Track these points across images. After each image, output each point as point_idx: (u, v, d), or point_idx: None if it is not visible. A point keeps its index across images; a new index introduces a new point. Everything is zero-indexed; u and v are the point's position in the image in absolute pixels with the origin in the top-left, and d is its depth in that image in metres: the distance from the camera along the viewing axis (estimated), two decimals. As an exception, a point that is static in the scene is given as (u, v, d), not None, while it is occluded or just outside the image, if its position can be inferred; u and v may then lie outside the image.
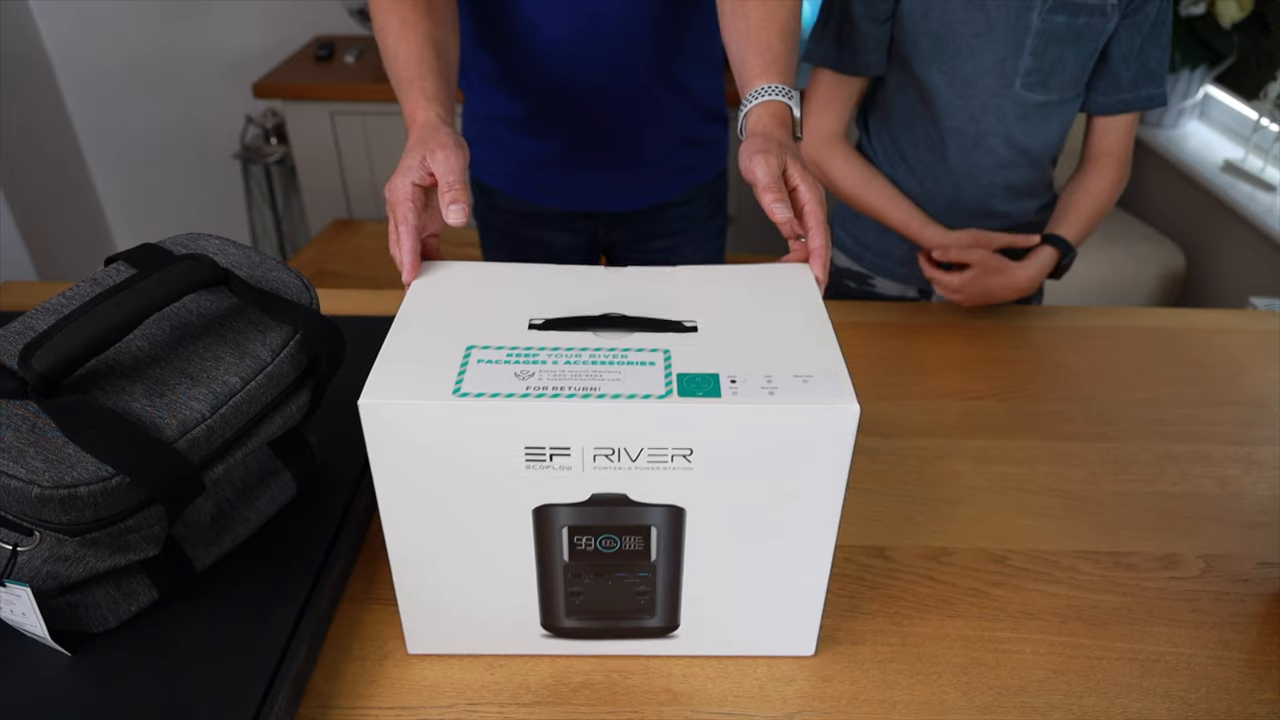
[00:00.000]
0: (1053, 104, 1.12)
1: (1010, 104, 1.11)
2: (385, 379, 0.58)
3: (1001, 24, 1.07)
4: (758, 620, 0.67)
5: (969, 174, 1.16)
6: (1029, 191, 1.20)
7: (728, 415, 0.56)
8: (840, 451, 0.58)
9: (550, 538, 0.62)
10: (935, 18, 1.08)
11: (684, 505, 0.60)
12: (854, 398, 0.56)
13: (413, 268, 0.69)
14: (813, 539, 0.62)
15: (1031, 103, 1.11)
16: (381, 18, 0.86)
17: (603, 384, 0.57)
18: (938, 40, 1.09)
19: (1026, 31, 1.07)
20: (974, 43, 1.08)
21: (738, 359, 0.60)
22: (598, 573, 0.64)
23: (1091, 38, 1.08)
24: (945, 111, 1.13)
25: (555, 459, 0.58)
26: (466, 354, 0.60)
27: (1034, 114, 1.12)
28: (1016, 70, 1.09)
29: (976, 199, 1.18)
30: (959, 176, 1.17)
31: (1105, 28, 1.07)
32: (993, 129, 1.13)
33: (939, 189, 1.18)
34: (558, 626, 0.67)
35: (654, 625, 0.67)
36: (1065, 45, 1.08)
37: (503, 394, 0.56)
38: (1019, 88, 1.10)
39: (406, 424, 0.57)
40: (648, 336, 0.62)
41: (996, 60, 1.09)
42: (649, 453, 0.58)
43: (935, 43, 1.10)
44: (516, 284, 0.68)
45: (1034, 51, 1.08)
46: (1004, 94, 1.11)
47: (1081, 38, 1.07)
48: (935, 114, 1.14)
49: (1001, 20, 1.07)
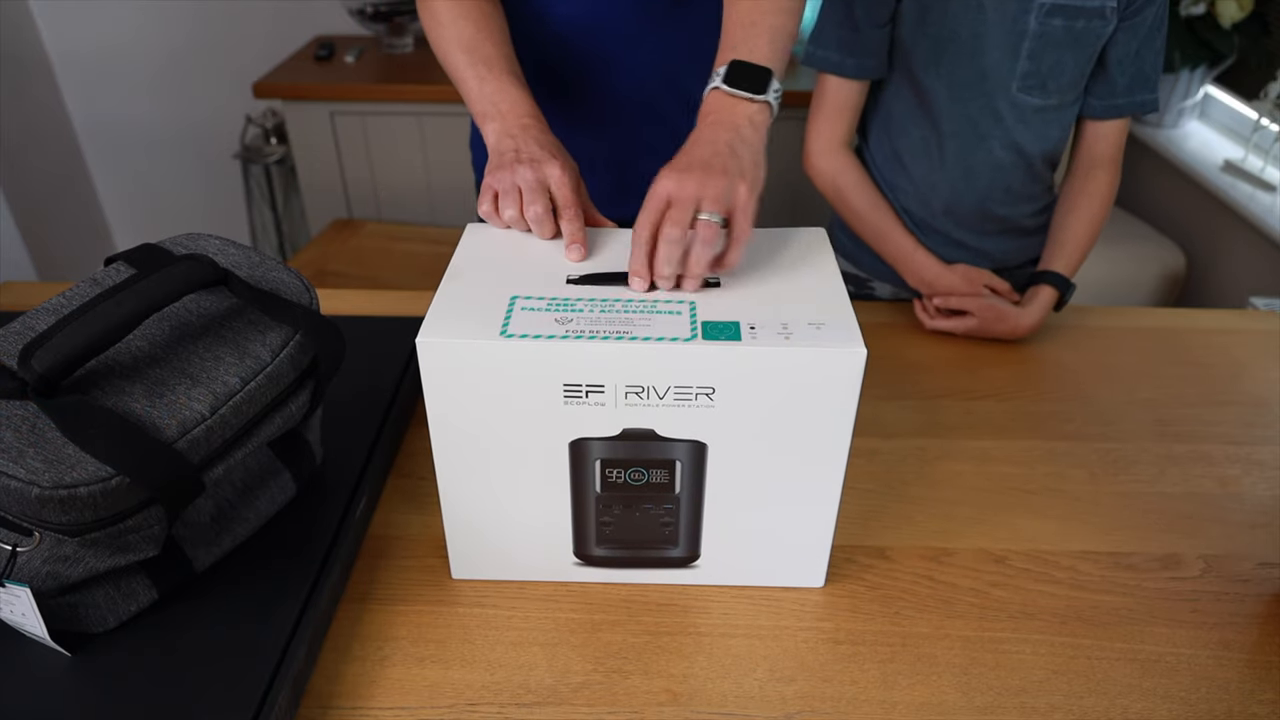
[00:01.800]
0: (1051, 108, 1.12)
1: (1007, 107, 1.11)
2: (440, 321, 0.64)
3: (998, 27, 1.06)
4: (772, 551, 0.73)
5: (967, 177, 1.16)
6: (1027, 195, 1.19)
7: (747, 356, 0.62)
8: (849, 391, 0.64)
9: (585, 470, 0.68)
10: (933, 21, 1.08)
11: (706, 441, 0.66)
12: (862, 342, 0.63)
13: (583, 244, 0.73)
14: (822, 474, 0.68)
15: (1029, 106, 1.11)
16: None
17: (634, 328, 0.63)
18: (935, 43, 1.09)
19: (1024, 35, 1.06)
20: (971, 45, 1.08)
21: (757, 309, 0.66)
22: (626, 504, 0.70)
23: (1090, 41, 1.07)
24: (943, 115, 1.13)
25: (590, 395, 0.64)
26: (511, 302, 0.66)
27: (1032, 118, 1.12)
28: (1013, 73, 1.09)
29: (974, 202, 1.18)
30: (956, 180, 1.16)
31: (1103, 31, 1.07)
32: (990, 132, 1.13)
33: (936, 193, 1.18)
34: (589, 555, 0.73)
35: (677, 555, 0.73)
36: (1063, 49, 1.07)
37: (544, 335, 0.62)
38: (1016, 91, 1.10)
39: (458, 361, 0.63)
40: (675, 290, 0.69)
41: (993, 63, 1.08)
42: (675, 391, 0.64)
43: (933, 46, 1.10)
44: (555, 244, 0.75)
45: (1031, 55, 1.07)
46: (1001, 97, 1.10)
47: (1080, 41, 1.07)
48: (933, 117, 1.14)
49: (998, 23, 1.06)
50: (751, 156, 0.73)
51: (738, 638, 0.71)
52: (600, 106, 1.11)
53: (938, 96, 1.12)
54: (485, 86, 0.84)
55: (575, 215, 0.75)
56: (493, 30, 0.88)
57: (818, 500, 0.70)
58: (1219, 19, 2.03)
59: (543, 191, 0.75)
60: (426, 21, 0.91)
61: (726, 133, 0.73)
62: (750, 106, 0.75)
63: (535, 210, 0.74)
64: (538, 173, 0.76)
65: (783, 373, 0.63)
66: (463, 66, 0.86)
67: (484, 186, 0.78)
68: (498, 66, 0.85)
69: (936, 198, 1.18)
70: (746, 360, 0.62)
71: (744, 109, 0.75)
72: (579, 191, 0.78)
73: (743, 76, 0.76)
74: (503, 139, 0.81)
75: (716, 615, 0.72)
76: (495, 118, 0.82)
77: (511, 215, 0.76)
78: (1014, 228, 1.21)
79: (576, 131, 1.13)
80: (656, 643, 0.70)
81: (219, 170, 2.68)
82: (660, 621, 0.72)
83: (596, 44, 1.06)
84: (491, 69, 0.84)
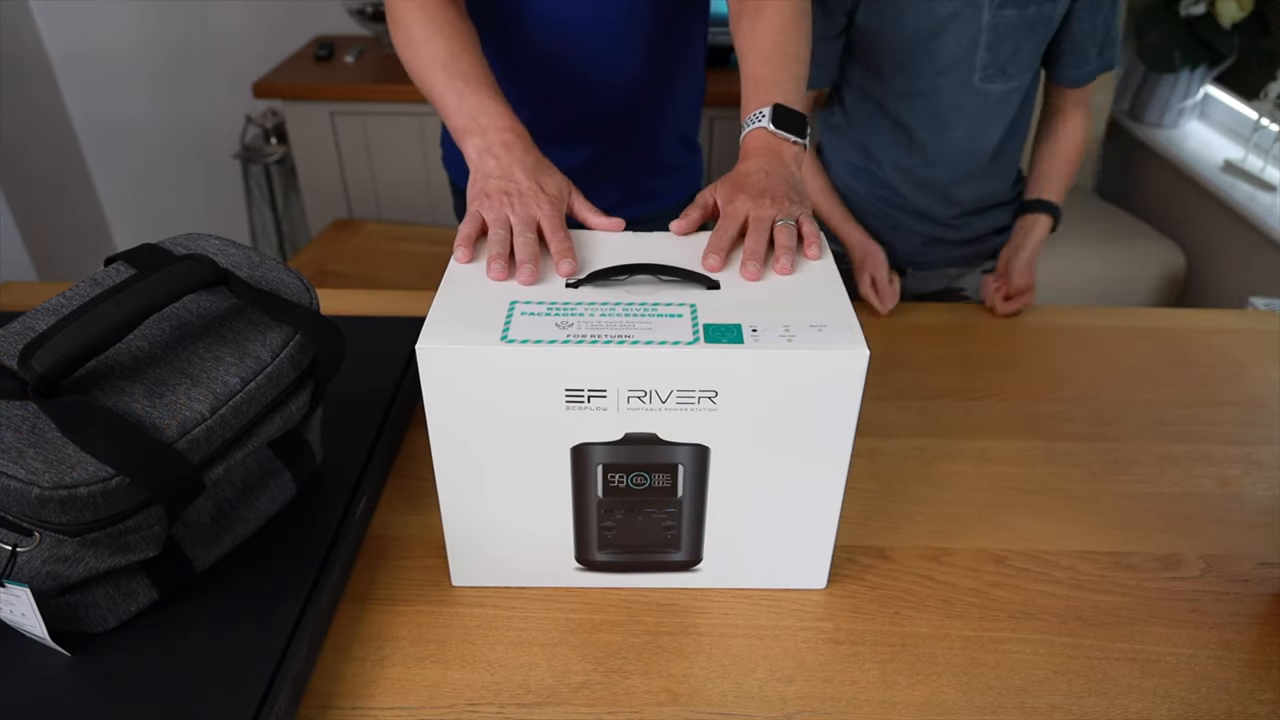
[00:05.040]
0: (1013, 89, 1.16)
1: (970, 97, 1.15)
2: (439, 326, 0.63)
3: (954, 24, 1.10)
4: (774, 553, 0.72)
5: (935, 165, 1.21)
6: (995, 174, 1.25)
7: (750, 359, 0.62)
8: (851, 393, 0.63)
9: (586, 475, 0.68)
10: (889, 28, 1.12)
11: (709, 444, 0.66)
12: (864, 343, 0.62)
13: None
14: (825, 476, 0.68)
15: (992, 93, 1.15)
16: (404, 10, 0.88)
17: (636, 332, 0.63)
18: (894, 48, 1.12)
19: (979, 28, 1.10)
20: (930, 45, 1.11)
21: (758, 311, 0.66)
22: (629, 509, 0.70)
23: (1043, 25, 1.11)
24: (909, 112, 1.17)
25: (593, 400, 0.63)
26: (511, 307, 0.66)
27: (997, 102, 1.16)
28: (974, 65, 1.12)
29: (943, 186, 1.23)
30: (925, 168, 1.21)
31: (1055, 13, 1.11)
32: (956, 122, 1.17)
33: (907, 178, 1.23)
34: (591, 560, 0.73)
35: (679, 559, 0.73)
36: (1019, 36, 1.11)
37: (545, 340, 0.62)
38: (978, 81, 1.14)
39: (459, 367, 0.62)
40: (676, 292, 0.68)
41: (952, 59, 1.12)
42: (678, 395, 0.63)
43: (892, 49, 1.13)
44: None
45: (989, 46, 1.11)
46: (964, 89, 1.14)
47: (1034, 27, 1.11)
48: (899, 114, 1.18)
49: (953, 20, 1.09)
50: (802, 189, 0.81)
51: (737, 638, 0.71)
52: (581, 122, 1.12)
53: (901, 96, 1.16)
54: (464, 101, 0.83)
55: (564, 237, 0.73)
56: (468, 47, 0.87)
57: (820, 501, 0.69)
58: (1219, 19, 2.03)
59: (533, 228, 0.73)
60: (399, 42, 0.90)
61: (782, 169, 0.80)
62: (794, 148, 0.83)
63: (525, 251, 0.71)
64: (526, 209, 0.74)
65: (785, 375, 0.62)
66: (440, 83, 0.85)
67: (469, 215, 0.76)
68: (475, 81, 0.84)
69: (905, 183, 1.23)
70: (749, 363, 0.62)
71: (789, 149, 0.83)
72: (564, 214, 0.77)
73: (786, 119, 0.83)
74: (484, 157, 0.80)
75: (716, 615, 0.72)
76: (475, 132, 0.81)
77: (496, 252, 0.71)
78: (982, 206, 1.26)
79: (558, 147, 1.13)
80: (656, 643, 0.70)
81: (219, 170, 2.68)
82: (660, 622, 0.72)
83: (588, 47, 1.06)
84: (469, 84, 0.83)
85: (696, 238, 0.76)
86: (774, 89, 0.85)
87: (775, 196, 0.76)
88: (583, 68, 1.07)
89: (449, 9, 0.89)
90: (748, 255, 0.71)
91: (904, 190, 1.23)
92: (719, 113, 2.21)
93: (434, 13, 0.87)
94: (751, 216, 0.74)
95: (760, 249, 0.72)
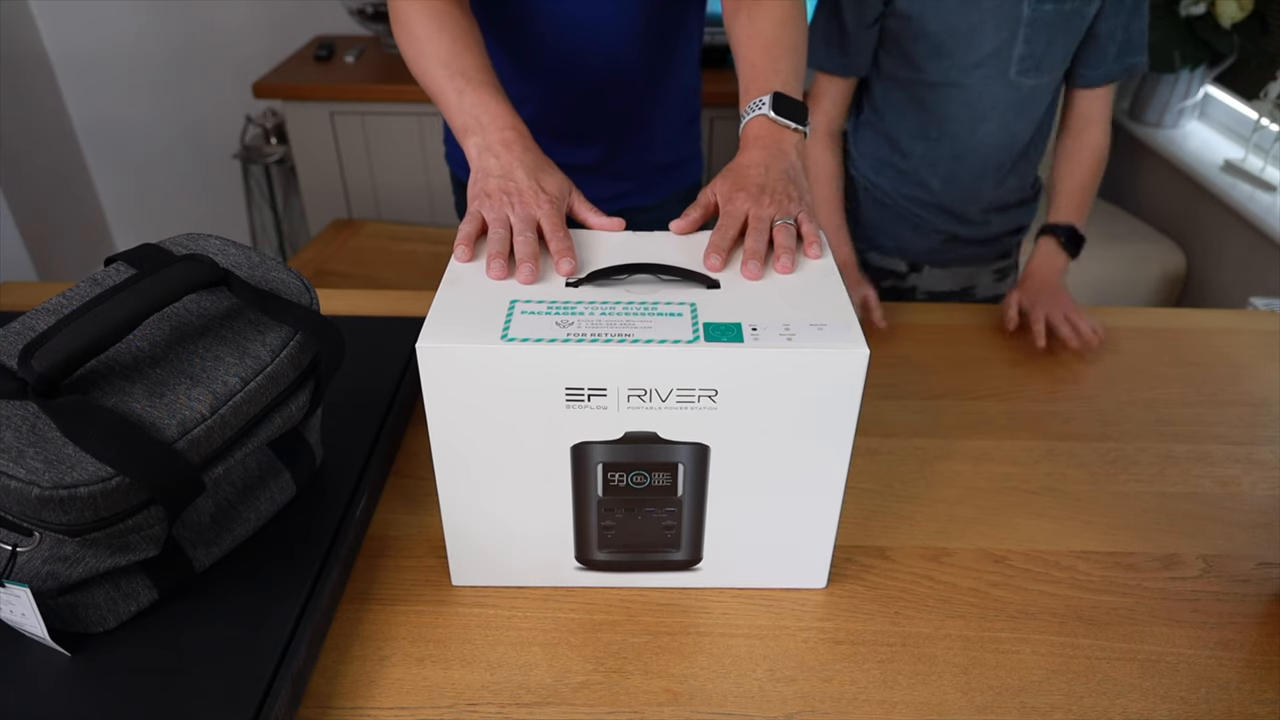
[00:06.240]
0: (1043, 85, 1.17)
1: (1004, 90, 1.16)
2: (440, 325, 0.63)
3: (995, 17, 1.11)
4: (774, 552, 0.72)
5: (963, 158, 1.21)
6: (1018, 171, 1.25)
7: (750, 358, 0.62)
8: (851, 392, 0.63)
9: (587, 474, 0.68)
10: (930, 16, 1.12)
11: (709, 443, 0.66)
12: (864, 343, 0.62)
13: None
14: (825, 475, 0.68)
15: (1025, 87, 1.16)
16: (406, 8, 0.88)
17: (636, 331, 0.63)
18: (934, 37, 1.13)
19: (1019, 21, 1.11)
20: (970, 36, 1.12)
21: (758, 310, 0.66)
22: (629, 508, 0.70)
23: (1078, 21, 1.13)
24: (941, 102, 1.18)
25: (593, 399, 0.63)
26: (511, 306, 0.66)
27: (1027, 97, 1.17)
28: (1011, 59, 1.13)
29: (970, 181, 1.23)
30: (953, 162, 1.22)
31: (1088, 10, 1.12)
32: (987, 115, 1.18)
33: (933, 172, 1.23)
34: (590, 560, 0.73)
35: (679, 558, 0.73)
36: (1055, 30, 1.12)
37: (545, 339, 0.62)
38: (1014, 75, 1.15)
39: (459, 366, 0.62)
40: (676, 291, 0.68)
41: (992, 51, 1.13)
42: (678, 393, 0.63)
43: (932, 39, 1.13)
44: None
45: (1027, 40, 1.12)
46: (999, 82, 1.15)
47: (1069, 22, 1.12)
48: (931, 105, 1.19)
49: (995, 13, 1.11)
50: (801, 182, 0.81)
51: (738, 638, 0.71)
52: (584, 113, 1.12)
53: (936, 86, 1.17)
54: (465, 99, 0.83)
55: (564, 236, 0.73)
56: (470, 44, 0.87)
57: (820, 501, 0.69)
58: (1219, 19, 2.03)
59: (533, 227, 0.73)
60: (402, 40, 0.90)
61: (781, 160, 0.80)
62: (794, 135, 0.83)
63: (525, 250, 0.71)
64: (526, 209, 0.74)
65: (785, 374, 0.62)
66: (441, 80, 0.85)
67: (470, 214, 0.76)
68: (476, 79, 0.84)
69: (934, 177, 1.23)
70: (749, 362, 0.62)
71: (789, 137, 0.82)
72: (564, 213, 0.77)
73: (787, 107, 0.83)
74: (485, 156, 0.79)
75: (716, 615, 0.72)
76: (476, 130, 0.81)
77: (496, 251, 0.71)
78: (1004, 204, 1.27)
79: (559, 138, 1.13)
80: (656, 643, 0.70)
81: (219, 170, 2.68)
82: (660, 622, 0.72)
83: (592, 44, 1.06)
84: (470, 81, 0.83)
85: (696, 237, 0.76)
86: (775, 76, 0.85)
87: (775, 194, 0.77)
88: (586, 65, 1.07)
89: (452, 6, 0.89)
90: (748, 255, 0.71)
91: (932, 184, 1.24)
92: (719, 113, 2.21)
93: (436, 10, 0.87)
94: (751, 216, 0.75)
95: (760, 249, 0.72)
